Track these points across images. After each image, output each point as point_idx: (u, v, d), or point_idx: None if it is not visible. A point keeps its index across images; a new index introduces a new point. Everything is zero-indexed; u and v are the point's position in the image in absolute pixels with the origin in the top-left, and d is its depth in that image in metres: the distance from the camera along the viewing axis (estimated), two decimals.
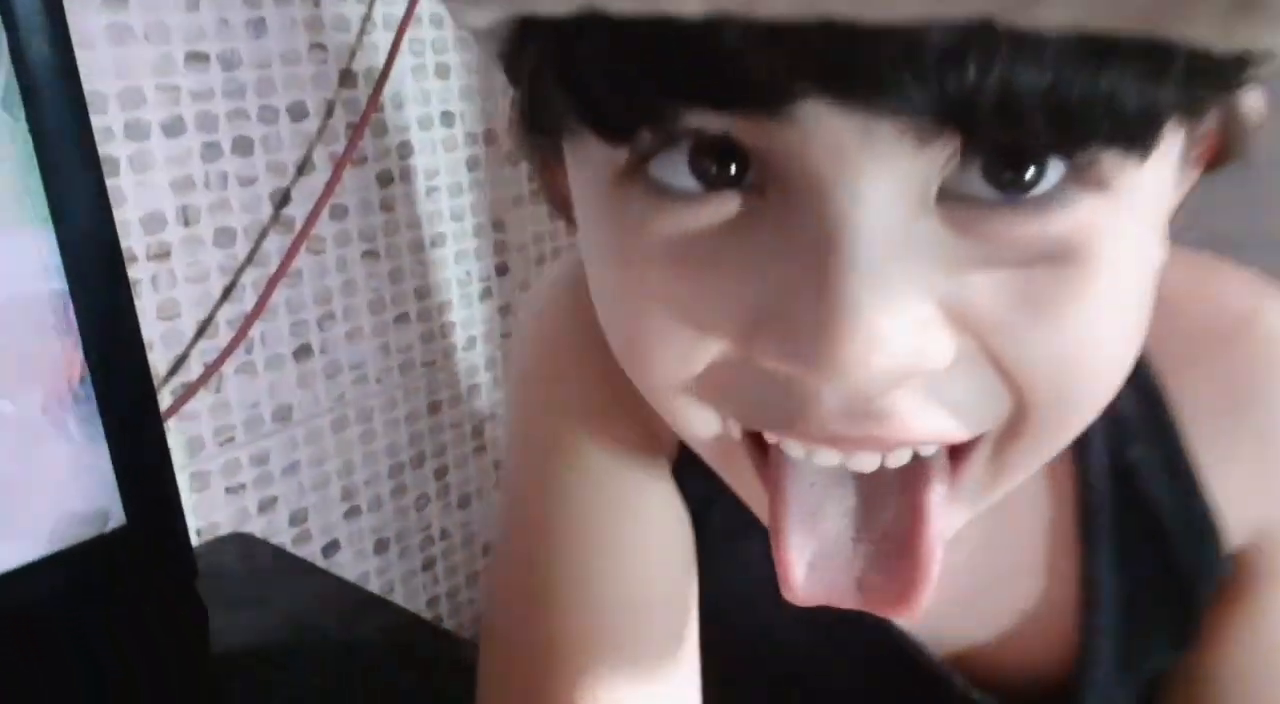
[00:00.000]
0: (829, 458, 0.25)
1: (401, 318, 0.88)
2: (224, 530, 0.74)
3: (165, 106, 0.71)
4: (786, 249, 0.21)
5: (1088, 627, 0.36)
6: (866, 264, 0.20)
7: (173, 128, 0.71)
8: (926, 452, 0.25)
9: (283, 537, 0.80)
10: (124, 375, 0.51)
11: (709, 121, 0.21)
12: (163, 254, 0.71)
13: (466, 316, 0.94)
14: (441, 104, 0.88)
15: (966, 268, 0.21)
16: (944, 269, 0.21)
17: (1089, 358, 0.23)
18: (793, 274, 0.21)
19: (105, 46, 0.67)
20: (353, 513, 0.86)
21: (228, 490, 0.76)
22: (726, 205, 0.22)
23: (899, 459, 0.25)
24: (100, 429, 0.50)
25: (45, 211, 0.48)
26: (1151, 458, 0.35)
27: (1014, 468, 0.26)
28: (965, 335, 0.22)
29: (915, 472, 0.25)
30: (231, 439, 0.77)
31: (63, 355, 0.49)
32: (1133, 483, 0.35)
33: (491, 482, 0.99)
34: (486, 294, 0.95)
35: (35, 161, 0.47)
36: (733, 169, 0.22)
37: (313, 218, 0.78)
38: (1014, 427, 0.24)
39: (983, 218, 0.21)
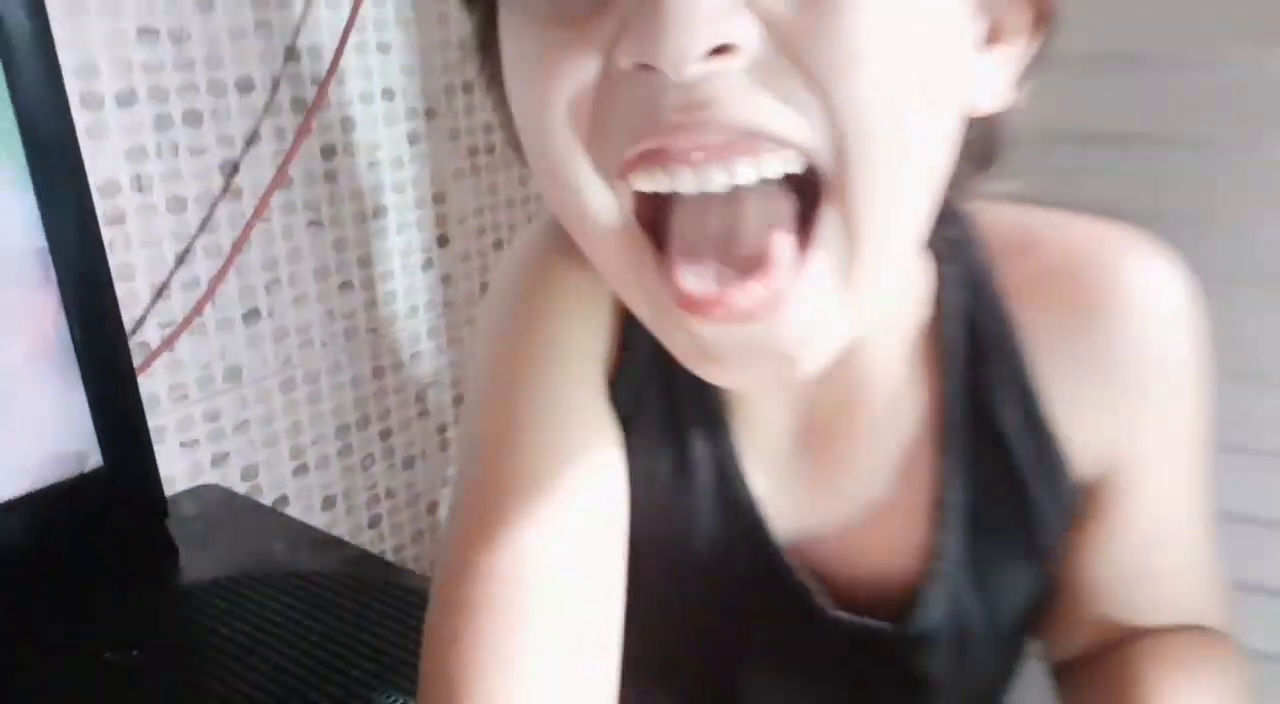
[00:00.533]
0: (688, 183, 0.30)
1: (345, 285, 0.92)
2: (180, 483, 0.78)
3: (119, 79, 0.74)
4: None
5: (936, 523, 0.41)
6: None
7: (126, 99, 0.75)
8: (769, 172, 0.30)
9: (236, 491, 0.84)
10: (99, 327, 0.55)
11: None
12: (118, 219, 0.75)
13: (408, 285, 0.98)
14: (383, 80, 0.92)
15: None
16: None
17: (881, 74, 0.28)
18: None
19: (61, 20, 0.70)
20: (301, 470, 0.91)
21: (182, 445, 0.80)
22: None
23: (745, 175, 0.30)
24: (78, 377, 0.55)
25: (27, 176, 0.52)
26: (1005, 387, 0.40)
27: (859, 236, 0.31)
28: (763, 27, 0.28)
29: (770, 215, 0.31)
30: (185, 396, 0.80)
31: (43, 307, 0.53)
32: (987, 409, 0.40)
33: (435, 444, 1.04)
34: (428, 264, 1.00)
35: (18, 132, 0.51)
36: None
37: (266, 197, 0.82)
38: (839, 169, 0.30)
39: None
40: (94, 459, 0.56)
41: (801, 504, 0.42)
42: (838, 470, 0.42)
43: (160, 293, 0.78)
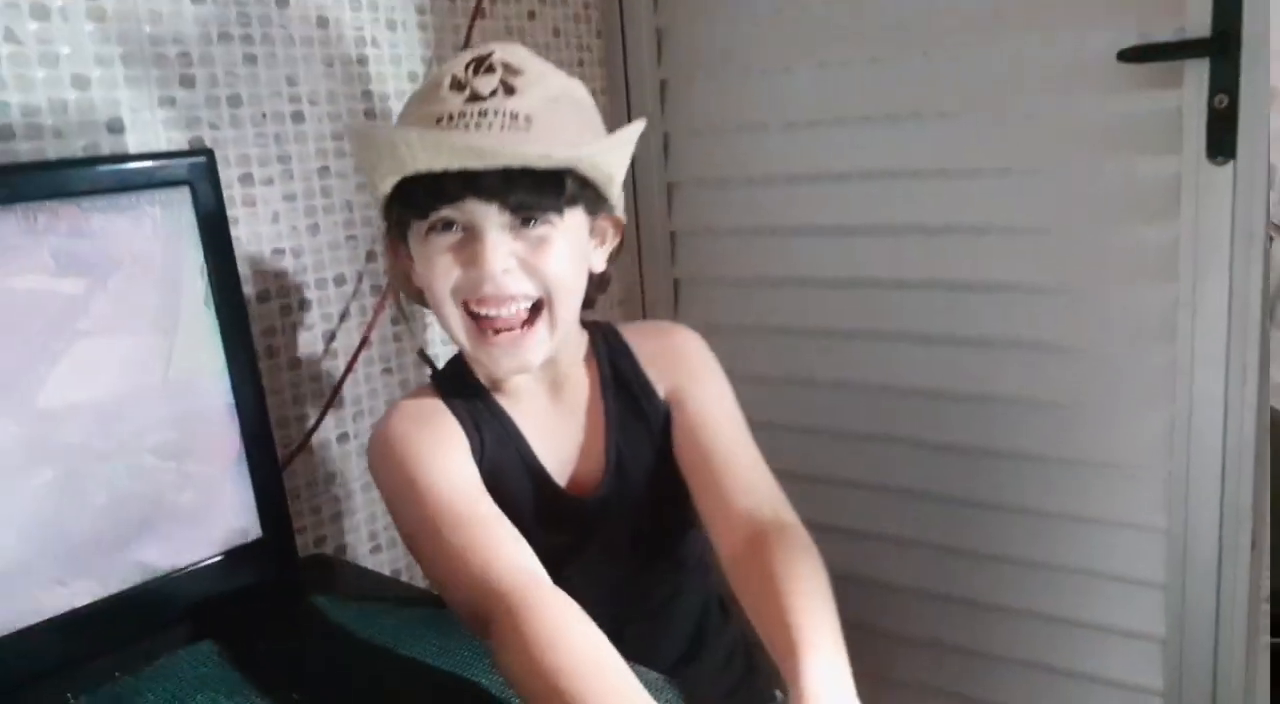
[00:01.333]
0: (495, 311, 0.82)
1: None
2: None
3: (259, 283, 1.12)
4: (473, 243, 0.80)
5: (608, 438, 0.92)
6: (492, 244, 0.80)
7: (263, 297, 1.12)
8: (522, 307, 0.82)
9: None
10: (260, 450, 0.91)
11: (444, 213, 0.80)
12: None
13: None
14: None
15: (518, 243, 0.81)
16: (512, 243, 0.81)
17: (559, 274, 0.82)
18: (474, 248, 0.80)
19: None
20: (376, 549, 1.25)
21: (297, 531, 1.15)
22: (454, 236, 0.81)
23: (511, 309, 0.82)
24: (249, 481, 0.90)
25: (224, 364, 0.88)
26: (627, 370, 0.93)
27: (557, 328, 0.84)
28: (518, 259, 0.81)
29: (520, 319, 0.83)
30: (298, 496, 1.16)
31: (230, 439, 0.89)
32: (622, 379, 0.93)
33: None
34: None
35: (220, 337, 0.88)
36: (453, 227, 0.81)
37: (355, 355, 1.19)
38: (549, 303, 0.83)
39: (523, 231, 0.81)
40: (255, 532, 0.91)
41: (558, 451, 0.92)
42: (565, 424, 0.93)
43: (283, 424, 1.14)
